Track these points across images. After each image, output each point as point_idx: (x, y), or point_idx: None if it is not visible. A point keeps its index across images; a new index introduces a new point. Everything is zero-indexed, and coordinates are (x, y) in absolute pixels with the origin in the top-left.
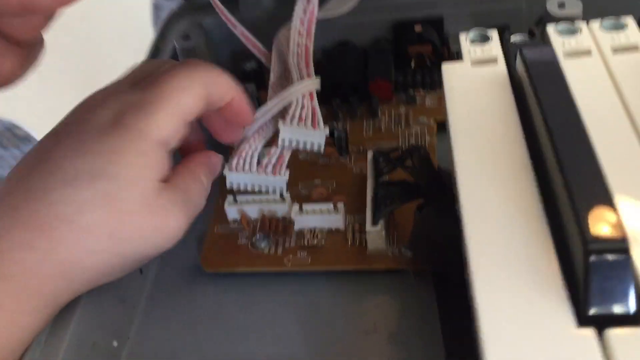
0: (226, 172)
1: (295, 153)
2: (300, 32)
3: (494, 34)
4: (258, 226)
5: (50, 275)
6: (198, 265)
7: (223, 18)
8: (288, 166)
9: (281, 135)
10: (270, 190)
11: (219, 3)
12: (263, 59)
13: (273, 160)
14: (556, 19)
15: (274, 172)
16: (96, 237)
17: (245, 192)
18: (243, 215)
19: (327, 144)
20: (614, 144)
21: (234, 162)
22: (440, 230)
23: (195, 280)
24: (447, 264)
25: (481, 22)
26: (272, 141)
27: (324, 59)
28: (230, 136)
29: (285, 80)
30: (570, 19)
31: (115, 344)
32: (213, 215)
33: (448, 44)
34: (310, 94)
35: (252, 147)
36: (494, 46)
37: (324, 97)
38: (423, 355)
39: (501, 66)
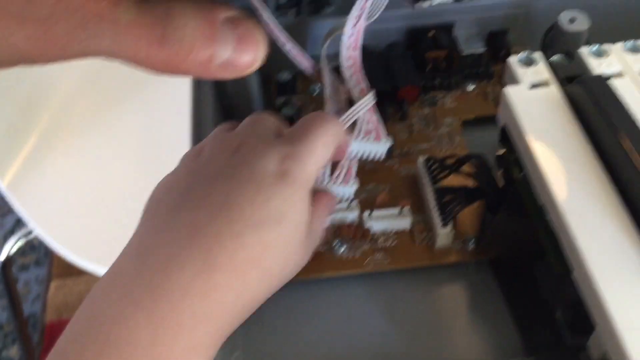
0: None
1: None
2: (350, 46)
3: (538, 56)
4: (333, 233)
5: (236, 314)
6: None
7: (273, 35)
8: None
9: (351, 149)
10: (341, 198)
11: (271, 18)
12: (311, 72)
13: (343, 172)
14: (564, 32)
15: (344, 182)
16: (273, 277)
17: None
18: None
19: None
20: None
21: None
22: (514, 229)
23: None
24: (517, 256)
25: (485, 26)
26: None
27: None
28: None
29: (337, 92)
30: (577, 34)
31: (235, 356)
32: None
33: (457, 47)
34: (371, 109)
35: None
36: (543, 69)
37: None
38: (506, 329)
39: (554, 88)
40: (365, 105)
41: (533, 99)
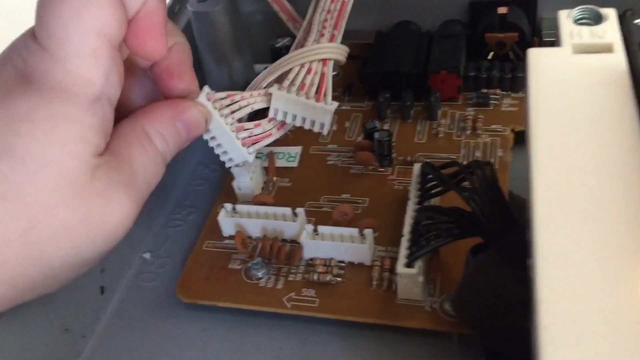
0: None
1: (323, 157)
2: None
3: (610, 13)
4: (258, 248)
5: None
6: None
7: None
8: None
9: (273, 104)
10: (233, 155)
11: None
12: (291, 25)
13: (255, 132)
14: None
15: (244, 143)
16: (1, 241)
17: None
18: (239, 232)
19: (364, 147)
20: None
21: (205, 93)
22: (500, 286)
23: (168, 310)
24: (502, 334)
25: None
26: None
27: (378, 43)
28: (181, 82)
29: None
30: None
31: None
32: (204, 229)
33: (540, 32)
34: (324, 60)
35: (241, 101)
36: (610, 29)
37: (371, 89)
38: None
39: (618, 56)
40: (316, 53)
41: (572, 68)
